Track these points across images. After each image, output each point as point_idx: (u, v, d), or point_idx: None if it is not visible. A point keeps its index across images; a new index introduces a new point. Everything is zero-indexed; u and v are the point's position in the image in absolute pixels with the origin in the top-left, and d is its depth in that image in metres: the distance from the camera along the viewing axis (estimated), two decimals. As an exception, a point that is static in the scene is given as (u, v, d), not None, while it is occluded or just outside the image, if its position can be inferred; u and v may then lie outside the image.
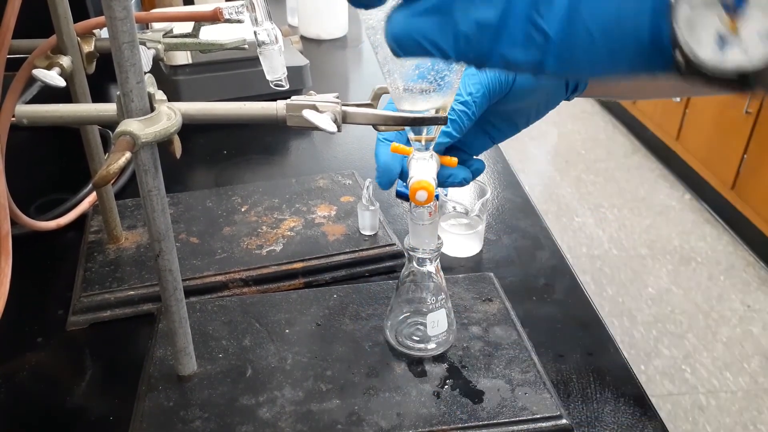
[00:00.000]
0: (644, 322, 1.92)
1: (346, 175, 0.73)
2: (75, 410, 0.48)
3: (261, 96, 0.89)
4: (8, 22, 0.46)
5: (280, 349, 0.50)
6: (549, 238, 0.67)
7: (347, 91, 1.09)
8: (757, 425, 1.61)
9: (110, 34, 0.34)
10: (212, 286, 0.58)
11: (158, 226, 0.40)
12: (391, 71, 0.39)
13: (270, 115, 0.40)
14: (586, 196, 2.54)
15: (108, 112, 0.39)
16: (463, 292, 0.56)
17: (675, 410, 1.65)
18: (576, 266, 1.77)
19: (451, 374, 0.48)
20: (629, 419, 0.47)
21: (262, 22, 0.56)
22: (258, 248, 0.61)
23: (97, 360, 0.52)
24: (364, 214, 0.62)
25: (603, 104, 3.21)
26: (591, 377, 0.50)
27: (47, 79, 0.49)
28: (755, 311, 1.96)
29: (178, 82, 0.88)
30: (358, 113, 0.41)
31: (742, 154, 2.17)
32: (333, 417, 0.44)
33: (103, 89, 1.01)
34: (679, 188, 2.58)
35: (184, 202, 0.68)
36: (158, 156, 0.39)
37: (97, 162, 0.59)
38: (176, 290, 0.43)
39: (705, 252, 2.23)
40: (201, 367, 0.48)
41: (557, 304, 0.58)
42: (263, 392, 0.46)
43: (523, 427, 0.44)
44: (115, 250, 0.61)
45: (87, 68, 0.54)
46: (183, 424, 0.44)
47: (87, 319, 0.55)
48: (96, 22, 0.53)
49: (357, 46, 1.26)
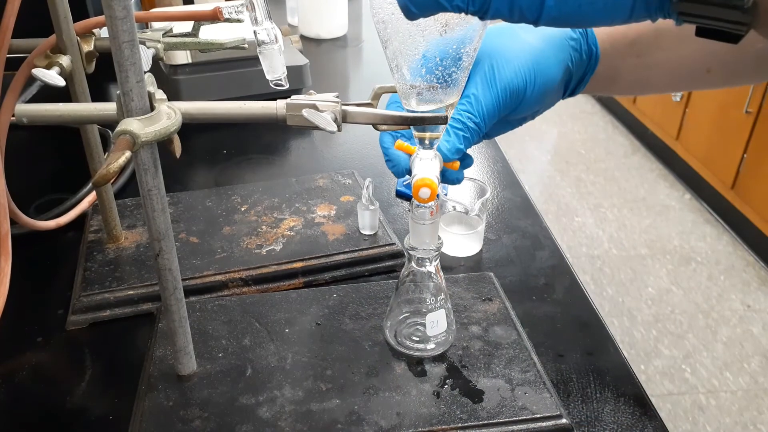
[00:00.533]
0: (644, 322, 1.92)
1: (346, 174, 0.73)
2: (75, 410, 0.48)
3: (261, 95, 0.89)
4: (8, 22, 0.46)
5: (280, 349, 0.50)
6: (549, 237, 0.67)
7: (347, 90, 1.09)
8: (757, 425, 1.61)
9: (110, 34, 0.34)
10: (212, 285, 0.58)
11: (158, 225, 0.40)
12: (400, 66, 0.39)
13: (270, 114, 0.40)
14: (586, 196, 2.54)
15: (108, 111, 0.39)
16: (462, 292, 0.56)
17: (675, 410, 1.65)
18: (576, 266, 1.77)
19: (450, 374, 0.48)
20: (629, 419, 0.47)
21: (261, 21, 0.56)
22: (258, 248, 0.61)
23: (97, 359, 0.52)
24: (363, 213, 0.62)
25: (603, 104, 3.21)
26: (591, 377, 0.50)
27: (47, 78, 0.49)
28: (755, 311, 1.96)
29: (177, 82, 0.88)
30: (358, 112, 0.41)
31: (742, 153, 2.17)
32: (333, 416, 0.44)
33: (103, 89, 1.01)
34: (679, 188, 2.58)
35: (183, 201, 0.68)
36: (158, 155, 0.39)
37: (96, 161, 0.59)
38: (176, 290, 0.43)
39: (705, 252, 2.23)
40: (201, 366, 0.48)
41: (557, 304, 0.58)
42: (263, 392, 0.46)
43: (523, 426, 0.44)
44: (115, 250, 0.61)
45: (87, 67, 0.54)
46: (183, 424, 0.44)
47: (87, 319, 0.55)
48: (96, 22, 0.53)
49: (357, 46, 1.26)
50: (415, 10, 0.31)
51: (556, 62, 0.48)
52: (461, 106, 0.46)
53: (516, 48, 0.47)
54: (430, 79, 0.39)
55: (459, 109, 0.46)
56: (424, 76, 0.39)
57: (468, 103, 0.46)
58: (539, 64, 0.46)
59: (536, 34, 0.48)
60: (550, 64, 0.47)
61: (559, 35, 0.48)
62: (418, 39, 0.37)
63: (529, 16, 0.30)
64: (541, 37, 0.47)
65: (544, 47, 0.47)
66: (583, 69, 0.51)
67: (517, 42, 0.47)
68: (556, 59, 0.48)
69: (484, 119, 0.46)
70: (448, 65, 0.38)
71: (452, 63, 0.38)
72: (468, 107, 0.46)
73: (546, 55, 0.47)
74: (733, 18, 0.27)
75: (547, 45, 0.47)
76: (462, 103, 0.46)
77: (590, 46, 0.50)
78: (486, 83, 0.46)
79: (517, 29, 0.48)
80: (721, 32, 0.28)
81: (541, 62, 0.47)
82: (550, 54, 0.47)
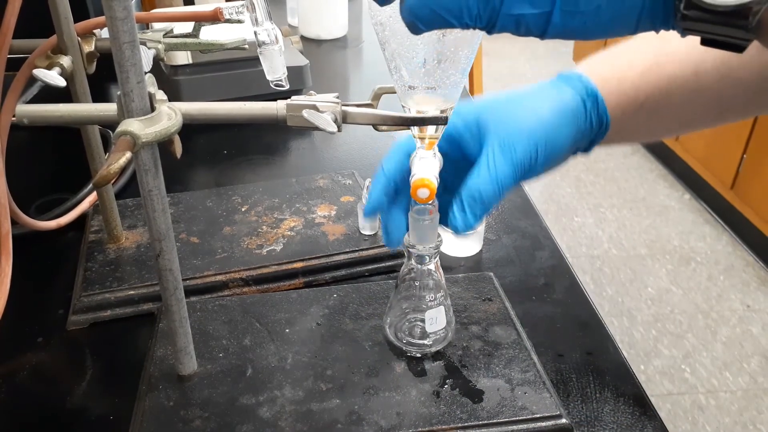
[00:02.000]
0: (644, 322, 1.92)
1: (346, 175, 0.73)
2: (75, 410, 0.48)
3: (261, 96, 0.89)
4: (9, 22, 0.46)
5: (280, 349, 0.50)
6: (549, 237, 0.67)
7: (347, 91, 1.09)
8: (756, 425, 1.61)
9: (111, 34, 0.34)
10: (212, 285, 0.58)
11: (159, 225, 0.40)
12: (398, 67, 0.39)
13: (270, 115, 0.40)
14: (586, 196, 2.54)
15: (108, 111, 0.39)
16: (462, 292, 0.56)
17: (674, 410, 1.65)
18: (575, 266, 1.77)
19: (450, 374, 0.48)
20: (629, 419, 0.47)
21: (262, 22, 0.56)
22: (258, 248, 0.61)
23: (98, 359, 0.52)
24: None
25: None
26: (590, 377, 0.50)
27: (48, 78, 0.49)
28: (755, 311, 1.97)
29: (178, 82, 0.88)
30: (358, 113, 0.41)
31: (741, 154, 2.17)
32: (333, 416, 0.44)
33: (104, 89, 1.01)
34: (678, 188, 2.59)
35: (184, 201, 0.68)
36: (159, 156, 0.39)
37: (97, 162, 0.59)
38: (177, 290, 0.43)
39: (704, 252, 2.23)
40: (201, 366, 0.48)
41: (557, 304, 0.58)
42: (263, 392, 0.46)
43: (522, 426, 0.44)
44: (116, 250, 0.61)
45: (87, 68, 0.54)
46: (183, 424, 0.44)
47: (87, 319, 0.55)
48: (96, 22, 0.53)
49: (357, 46, 1.26)
50: (423, 27, 0.31)
51: (566, 135, 0.47)
52: (477, 179, 0.44)
53: (530, 121, 0.46)
54: (429, 81, 0.39)
55: (476, 184, 0.44)
56: (422, 78, 0.39)
57: (484, 178, 0.44)
58: (551, 139, 0.46)
59: (547, 105, 0.47)
60: (561, 136, 0.47)
61: (570, 107, 0.47)
62: (416, 41, 0.37)
63: (536, 31, 0.30)
64: (551, 109, 0.47)
65: (556, 120, 0.46)
66: (592, 137, 0.50)
67: (529, 114, 0.46)
68: (567, 133, 0.47)
69: (498, 197, 0.44)
70: (446, 67, 0.38)
71: (450, 65, 0.38)
72: (484, 182, 0.44)
73: (558, 130, 0.46)
74: (738, 36, 0.27)
75: (558, 118, 0.47)
76: (478, 177, 0.44)
77: (600, 116, 0.49)
78: (502, 158, 0.44)
79: (527, 98, 0.47)
80: (725, 44, 0.28)
81: (552, 136, 0.46)
82: (562, 127, 0.47)
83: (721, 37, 0.28)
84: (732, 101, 0.51)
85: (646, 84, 0.49)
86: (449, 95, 0.41)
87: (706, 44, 0.29)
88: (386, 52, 0.39)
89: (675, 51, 0.49)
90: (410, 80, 0.39)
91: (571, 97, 0.48)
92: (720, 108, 0.51)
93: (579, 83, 0.48)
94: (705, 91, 0.49)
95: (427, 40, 0.37)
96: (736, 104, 0.51)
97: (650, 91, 0.49)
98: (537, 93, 0.48)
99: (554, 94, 0.48)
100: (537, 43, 4.27)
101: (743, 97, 0.50)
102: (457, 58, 0.38)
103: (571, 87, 0.48)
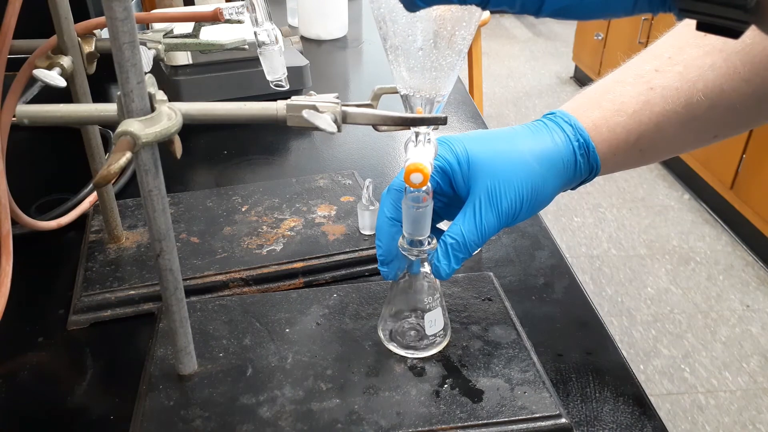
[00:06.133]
0: (643, 322, 1.92)
1: (346, 175, 0.73)
2: (75, 410, 0.48)
3: (261, 96, 0.90)
4: (9, 23, 0.46)
5: (281, 349, 0.50)
6: (548, 237, 0.67)
7: (347, 91, 1.09)
8: (756, 425, 1.61)
9: (111, 35, 0.34)
10: (213, 285, 0.58)
11: (159, 225, 0.41)
12: (397, 58, 0.40)
13: (270, 115, 0.40)
14: (585, 196, 2.54)
15: (108, 112, 0.39)
16: (462, 292, 0.56)
17: (674, 410, 1.65)
18: (575, 266, 1.77)
19: (450, 373, 0.48)
20: (628, 418, 0.47)
21: (262, 22, 0.56)
22: (258, 248, 0.61)
23: (98, 359, 0.53)
24: (364, 213, 0.62)
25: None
26: (590, 376, 0.50)
27: (48, 79, 0.49)
28: (754, 311, 1.97)
29: (178, 83, 0.88)
30: (358, 113, 0.41)
31: (741, 154, 2.18)
32: (333, 416, 0.44)
33: (104, 89, 1.01)
34: (678, 188, 2.59)
35: (184, 201, 0.68)
36: (159, 156, 0.39)
37: (97, 162, 0.59)
38: (177, 290, 0.43)
39: (704, 252, 2.23)
40: (201, 366, 0.48)
41: (556, 304, 0.58)
42: (263, 391, 0.46)
43: (522, 426, 0.44)
44: (116, 250, 0.61)
45: (87, 68, 0.54)
46: (183, 423, 0.44)
47: (88, 319, 0.55)
48: (96, 23, 0.53)
49: (357, 47, 1.26)
50: (421, 3, 0.31)
51: (554, 186, 0.48)
52: (463, 226, 0.46)
53: (519, 172, 0.46)
54: (426, 64, 0.39)
55: (460, 230, 0.45)
56: (420, 67, 0.39)
57: (469, 226, 0.45)
58: (537, 190, 0.47)
59: (538, 152, 0.47)
60: (549, 187, 0.47)
61: (562, 157, 0.48)
62: (414, 20, 0.38)
63: (531, 7, 0.30)
64: (541, 159, 0.47)
65: (545, 172, 0.47)
66: (580, 181, 0.51)
67: (519, 163, 0.46)
68: (554, 184, 0.48)
69: (480, 244, 0.46)
70: (442, 49, 0.39)
71: (446, 45, 0.39)
72: (469, 231, 0.45)
73: (546, 181, 0.47)
74: (735, 17, 0.27)
75: (547, 169, 0.47)
76: (463, 224, 0.46)
77: (591, 164, 0.49)
78: (489, 208, 0.46)
79: (519, 141, 0.48)
80: (722, 28, 0.28)
81: (540, 187, 0.47)
82: (551, 179, 0.47)
83: (719, 19, 0.27)
84: (725, 126, 0.51)
85: (638, 125, 0.49)
86: (447, 77, 0.41)
87: (702, 29, 0.28)
88: (387, 44, 0.40)
89: (665, 85, 0.49)
90: (408, 72, 0.40)
91: (563, 146, 0.48)
92: (714, 132, 0.51)
93: (572, 129, 0.49)
94: (697, 121, 0.49)
95: (426, 18, 0.37)
96: (728, 127, 0.51)
97: (642, 130, 0.49)
98: (530, 136, 0.48)
99: (548, 141, 0.48)
100: (537, 43, 4.27)
101: (736, 121, 0.51)
102: (453, 38, 0.38)
103: (564, 133, 0.48)
